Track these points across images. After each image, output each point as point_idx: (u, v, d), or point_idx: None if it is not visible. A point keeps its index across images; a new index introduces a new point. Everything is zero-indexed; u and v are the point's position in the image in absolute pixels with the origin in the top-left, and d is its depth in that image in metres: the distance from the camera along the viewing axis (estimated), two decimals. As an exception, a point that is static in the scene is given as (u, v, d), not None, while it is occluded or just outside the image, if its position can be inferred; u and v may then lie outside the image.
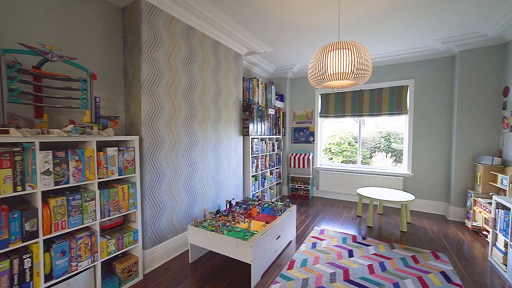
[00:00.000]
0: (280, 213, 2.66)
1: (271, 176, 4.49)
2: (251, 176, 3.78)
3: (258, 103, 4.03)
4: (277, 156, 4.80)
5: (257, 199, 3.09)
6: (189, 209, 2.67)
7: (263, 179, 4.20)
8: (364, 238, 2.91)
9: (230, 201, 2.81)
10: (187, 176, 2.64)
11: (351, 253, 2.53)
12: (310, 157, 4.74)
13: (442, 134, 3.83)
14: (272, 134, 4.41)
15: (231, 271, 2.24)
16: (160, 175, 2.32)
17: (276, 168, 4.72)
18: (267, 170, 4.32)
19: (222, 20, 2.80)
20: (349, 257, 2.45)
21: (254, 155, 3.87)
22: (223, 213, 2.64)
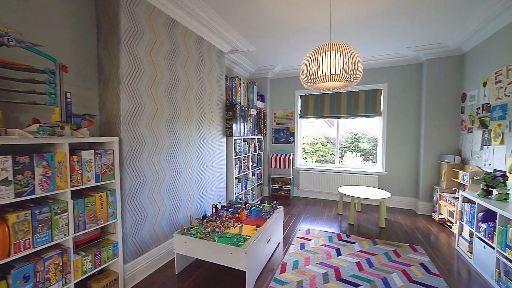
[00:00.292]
0: (269, 215, 2.61)
1: (253, 177, 4.43)
2: (235, 178, 3.68)
3: (241, 103, 3.94)
4: (258, 156, 4.76)
5: (243, 202, 3.00)
6: (172, 215, 2.48)
7: (245, 181, 4.12)
8: (348, 236, 3.00)
9: (216, 205, 2.68)
10: (170, 180, 2.45)
11: (339, 252, 2.59)
12: (291, 157, 4.79)
13: (411, 135, 4.15)
14: (254, 135, 4.35)
15: (222, 279, 2.11)
16: (141, 180, 2.11)
17: (257, 169, 4.67)
18: (249, 171, 4.24)
19: (206, 14, 2.65)
20: (338, 256, 2.49)
21: (237, 156, 3.78)
22: (210, 218, 2.50)
